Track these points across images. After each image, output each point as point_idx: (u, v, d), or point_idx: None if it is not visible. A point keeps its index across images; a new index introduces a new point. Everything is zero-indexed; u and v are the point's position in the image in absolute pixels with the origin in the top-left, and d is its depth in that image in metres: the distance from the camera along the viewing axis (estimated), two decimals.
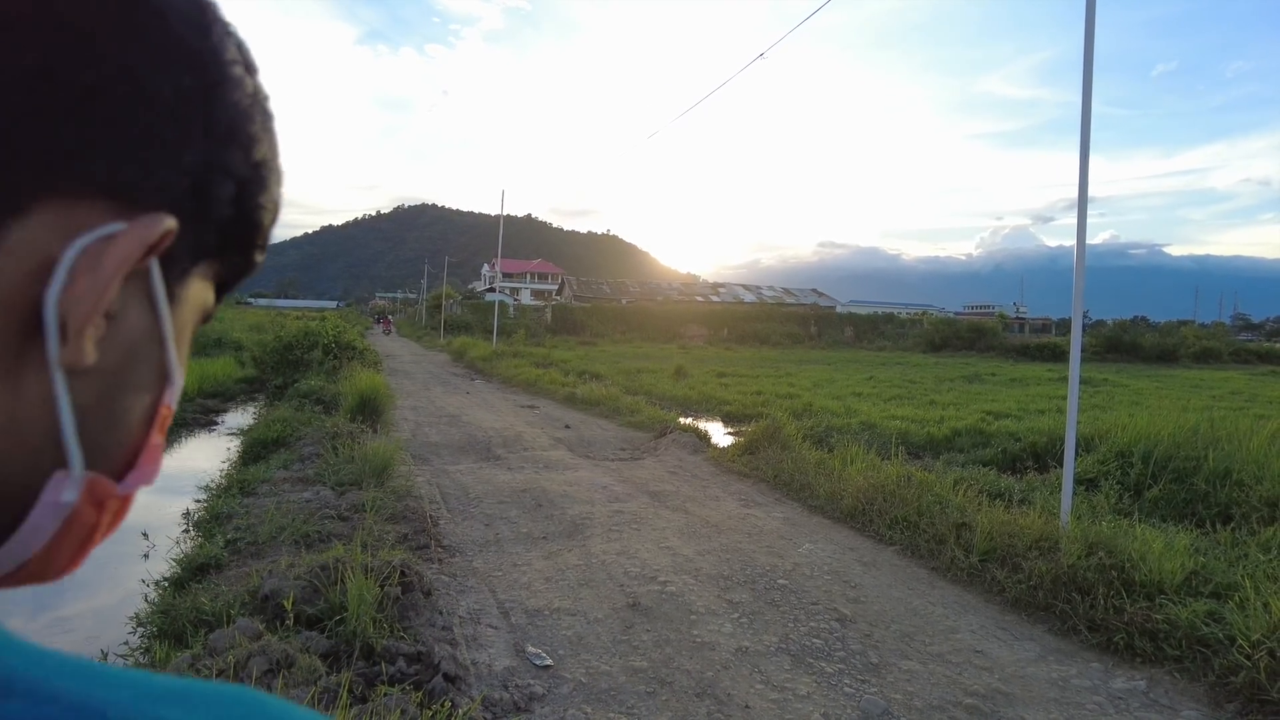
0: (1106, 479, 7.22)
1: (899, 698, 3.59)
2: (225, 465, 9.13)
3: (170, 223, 0.36)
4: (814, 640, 4.18)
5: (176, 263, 0.39)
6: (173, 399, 0.41)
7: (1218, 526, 5.95)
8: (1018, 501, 6.40)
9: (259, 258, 0.45)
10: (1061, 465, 5.67)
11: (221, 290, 0.45)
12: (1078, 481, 7.11)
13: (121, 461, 0.40)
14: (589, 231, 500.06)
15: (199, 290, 0.42)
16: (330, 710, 2.67)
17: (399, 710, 2.76)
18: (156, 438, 0.41)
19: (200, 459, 10.13)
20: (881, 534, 6.08)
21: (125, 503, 0.42)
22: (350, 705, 2.80)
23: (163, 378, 0.40)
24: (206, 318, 0.45)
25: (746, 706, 3.44)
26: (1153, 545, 4.73)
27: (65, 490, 0.36)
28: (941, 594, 4.96)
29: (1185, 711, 3.54)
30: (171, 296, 0.39)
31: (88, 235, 0.34)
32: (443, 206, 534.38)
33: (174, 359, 0.40)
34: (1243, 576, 4.35)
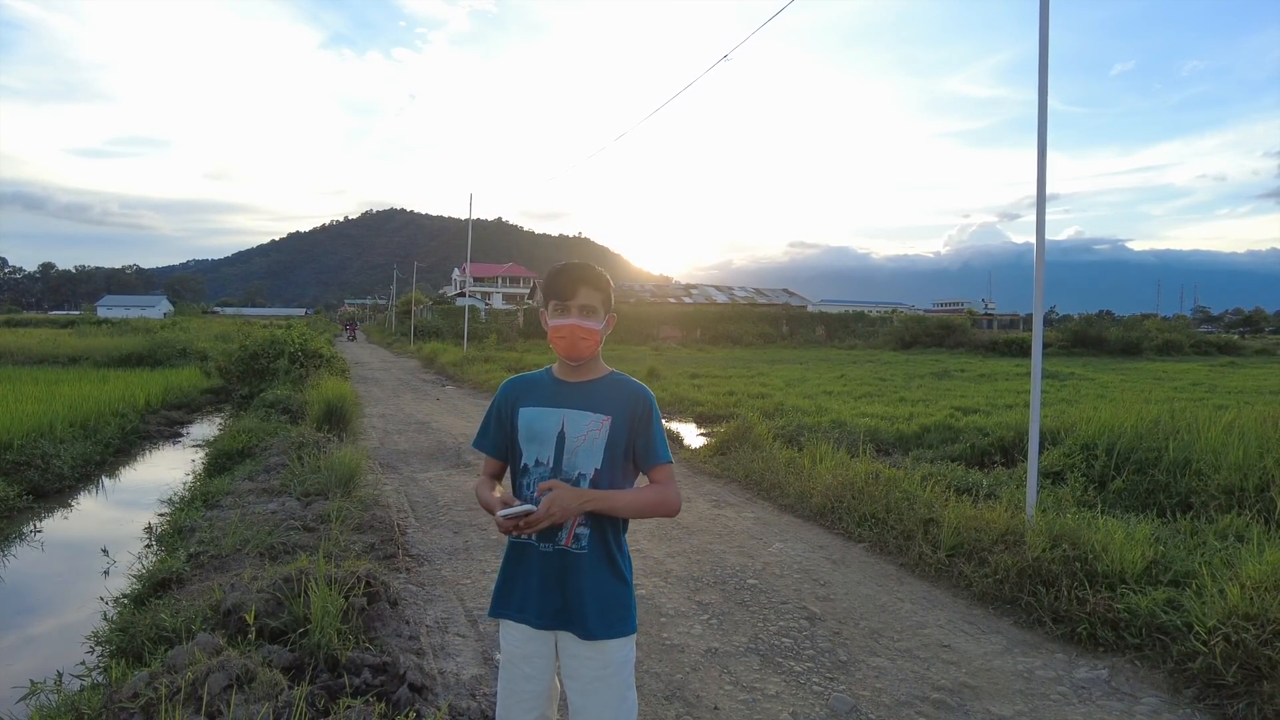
0: (1072, 472, 7.33)
1: (867, 694, 3.61)
2: (189, 477, 8.97)
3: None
4: (783, 639, 4.19)
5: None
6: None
7: (1178, 515, 6.06)
8: (984, 496, 6.47)
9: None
10: (1028, 459, 5.74)
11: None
12: (1044, 475, 7.22)
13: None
14: (560, 234, 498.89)
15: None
16: None
17: None
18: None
19: (164, 472, 9.94)
20: (850, 531, 6.12)
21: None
22: (311, 719, 2.76)
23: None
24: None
25: (715, 708, 3.44)
26: (1114, 536, 4.80)
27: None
28: (910, 590, 5.00)
29: (1145, 698, 3.60)
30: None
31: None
32: (411, 211, 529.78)
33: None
34: (1200, 564, 4.44)
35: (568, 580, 2.16)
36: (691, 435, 11.80)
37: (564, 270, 2.22)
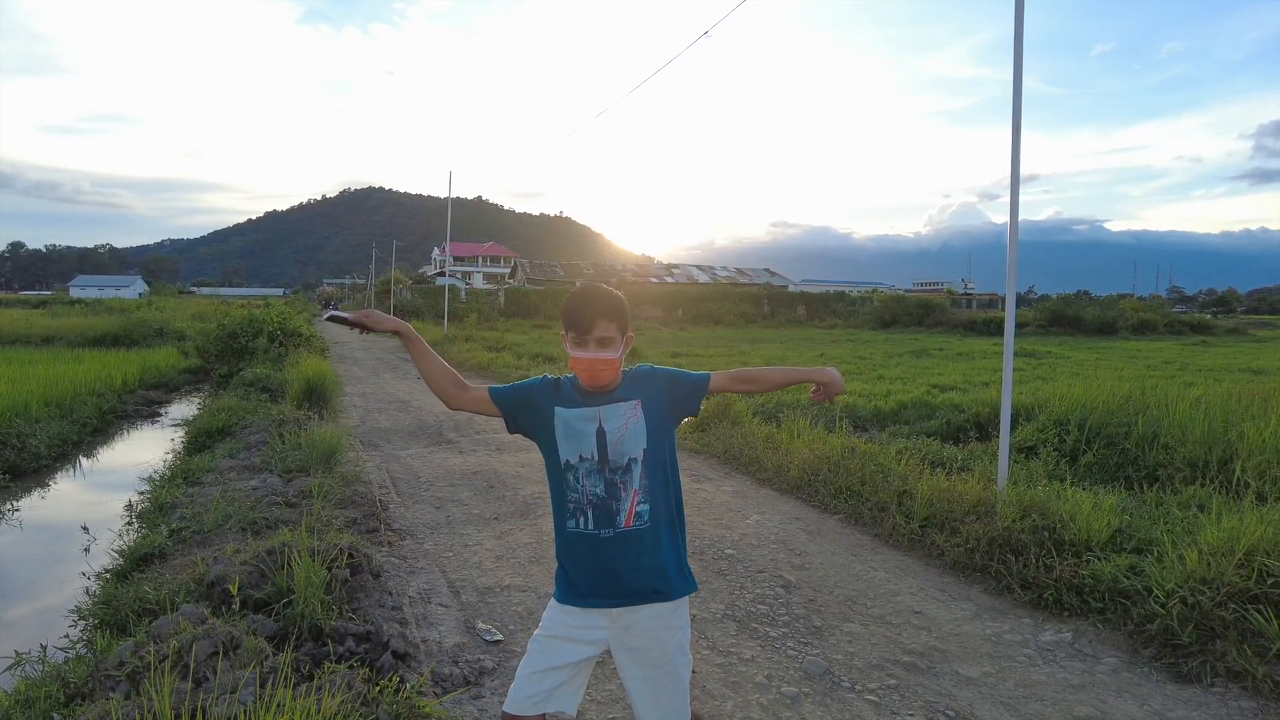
0: (1044, 446, 7.48)
1: (840, 658, 3.72)
2: (169, 456, 8.94)
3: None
4: (759, 606, 4.30)
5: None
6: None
7: (1145, 487, 6.22)
8: (957, 469, 6.60)
9: None
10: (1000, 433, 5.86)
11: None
12: (1017, 449, 7.37)
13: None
14: (541, 213, 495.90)
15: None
16: (274, 689, 2.68)
17: (346, 685, 2.78)
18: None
19: (143, 451, 9.90)
20: (826, 503, 6.24)
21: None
22: (296, 684, 2.81)
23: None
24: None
25: (693, 671, 3.53)
26: (1082, 506, 4.93)
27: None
28: (883, 559, 5.12)
29: (1106, 658, 3.74)
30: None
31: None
32: (390, 189, 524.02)
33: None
34: (1162, 533, 4.58)
35: (639, 556, 2.23)
36: None
37: (579, 302, 2.26)
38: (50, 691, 2.98)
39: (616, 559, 2.23)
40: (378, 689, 2.90)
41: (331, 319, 2.54)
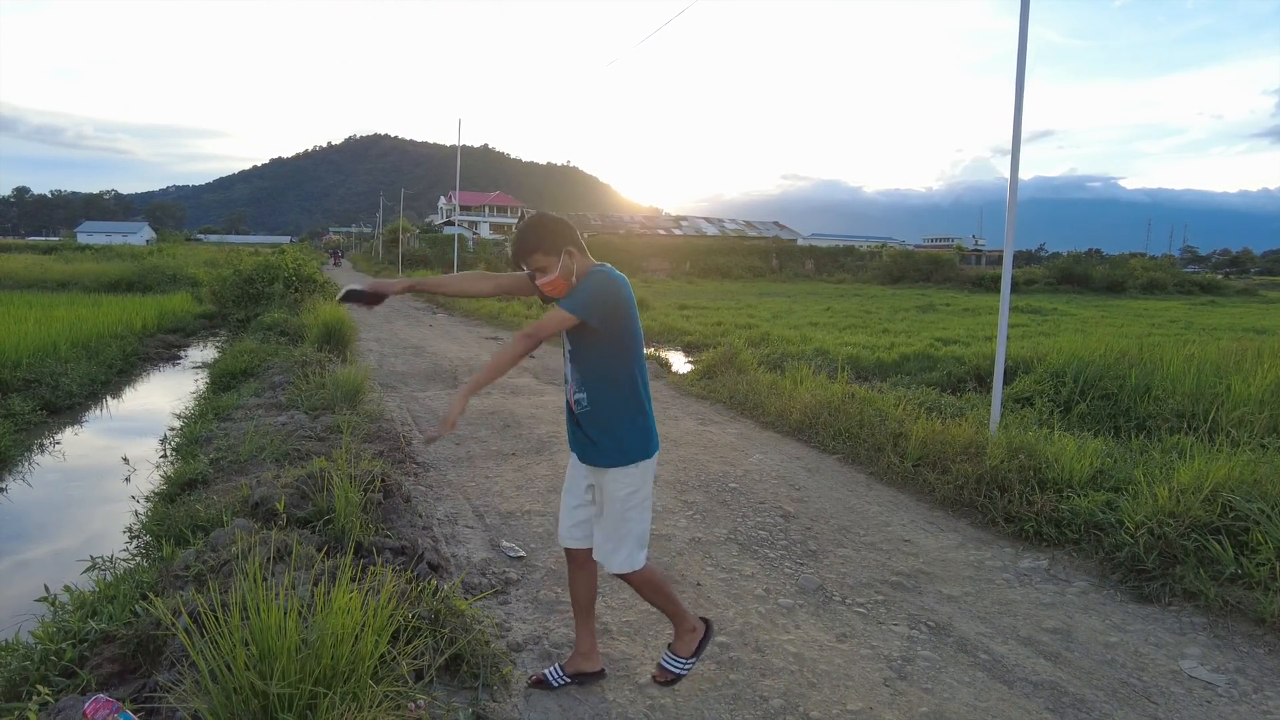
0: (1040, 397, 7.77)
1: (833, 576, 4.07)
2: (195, 396, 9.30)
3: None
4: (760, 532, 4.65)
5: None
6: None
7: (1134, 436, 6.52)
8: (952, 415, 6.91)
9: None
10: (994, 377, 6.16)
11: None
12: (1014, 400, 7.67)
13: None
14: (549, 163, 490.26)
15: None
16: (330, 588, 3.03)
17: (392, 583, 3.13)
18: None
19: (170, 390, 10.28)
20: (825, 444, 6.57)
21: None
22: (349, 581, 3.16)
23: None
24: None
25: (698, 584, 3.90)
26: (1066, 448, 5.24)
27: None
28: (877, 495, 5.46)
29: (1077, 582, 4.08)
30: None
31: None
32: (396, 137, 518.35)
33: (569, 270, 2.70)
34: (1140, 473, 4.88)
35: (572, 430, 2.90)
36: (680, 362, 12.19)
37: (512, 247, 2.75)
38: (127, 589, 3.34)
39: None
40: (418, 589, 3.25)
41: (348, 298, 2.86)
